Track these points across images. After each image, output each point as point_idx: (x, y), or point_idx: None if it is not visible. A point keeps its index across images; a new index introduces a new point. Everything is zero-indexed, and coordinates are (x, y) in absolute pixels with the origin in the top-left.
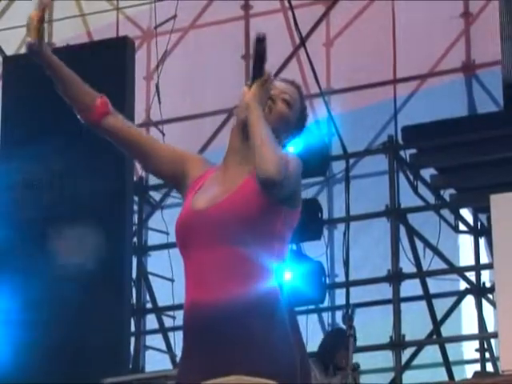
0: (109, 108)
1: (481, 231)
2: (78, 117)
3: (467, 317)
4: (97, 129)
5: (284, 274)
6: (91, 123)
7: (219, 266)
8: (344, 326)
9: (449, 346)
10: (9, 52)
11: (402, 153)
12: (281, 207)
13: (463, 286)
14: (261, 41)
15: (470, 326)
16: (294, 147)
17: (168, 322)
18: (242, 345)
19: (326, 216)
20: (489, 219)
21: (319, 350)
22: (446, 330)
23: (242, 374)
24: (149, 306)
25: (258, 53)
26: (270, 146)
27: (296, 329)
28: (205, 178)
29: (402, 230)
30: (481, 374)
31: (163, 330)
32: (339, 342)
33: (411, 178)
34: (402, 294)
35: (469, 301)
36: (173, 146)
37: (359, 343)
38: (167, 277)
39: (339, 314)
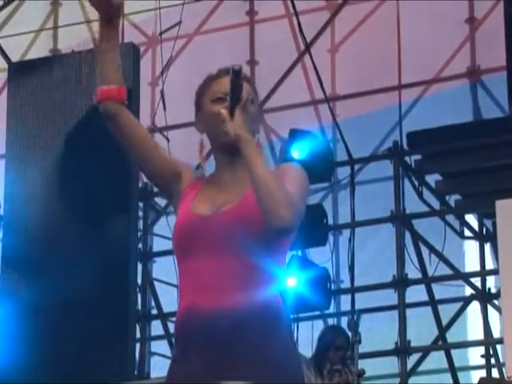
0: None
1: (486, 237)
2: (97, 98)
3: (473, 323)
4: (112, 117)
5: (286, 280)
6: (112, 106)
7: (223, 273)
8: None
9: (454, 352)
10: (14, 58)
11: (407, 158)
12: None
13: (469, 291)
14: (237, 73)
15: (475, 331)
16: (299, 153)
17: (173, 328)
18: (250, 353)
19: (331, 222)
20: (494, 225)
21: (315, 350)
22: (451, 336)
23: (250, 381)
24: (154, 312)
25: (234, 84)
26: (278, 190)
27: (292, 335)
28: (198, 186)
29: (408, 235)
30: (486, 380)
31: (168, 336)
32: (332, 339)
33: (416, 183)
34: (408, 300)
35: (474, 307)
36: (167, 153)
37: (365, 349)
38: (172, 283)
39: (345, 320)
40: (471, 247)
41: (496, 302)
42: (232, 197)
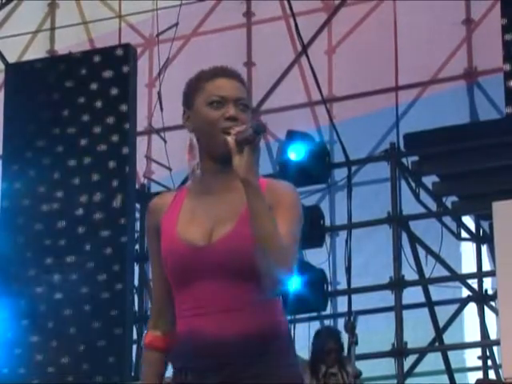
0: (163, 343)
1: (483, 238)
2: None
3: (469, 324)
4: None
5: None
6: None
7: (223, 298)
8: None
9: (451, 354)
10: (11, 60)
11: (403, 160)
12: None
13: (465, 293)
14: (259, 133)
15: (472, 333)
16: (295, 154)
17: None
18: (256, 377)
19: (327, 223)
20: (491, 226)
21: (310, 353)
22: (448, 338)
23: None
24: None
25: (250, 139)
26: (280, 247)
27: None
28: (179, 200)
29: (404, 237)
30: (483, 382)
31: None
32: (322, 343)
33: (413, 185)
34: (404, 302)
35: (471, 308)
36: (158, 265)
37: (361, 351)
38: None
39: (341, 322)
40: (468, 249)
41: (493, 303)
42: (225, 217)
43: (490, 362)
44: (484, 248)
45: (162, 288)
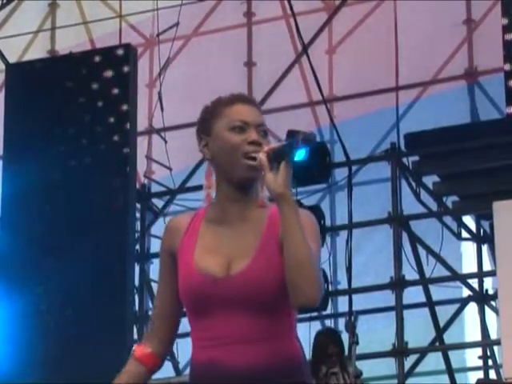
0: (151, 360)
1: (483, 238)
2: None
3: (470, 324)
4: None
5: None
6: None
7: (242, 330)
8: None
9: (452, 353)
10: (12, 59)
11: (404, 160)
12: None
13: (466, 293)
14: (308, 142)
15: (472, 333)
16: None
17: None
18: None
19: (328, 223)
20: (491, 226)
21: (312, 353)
22: (448, 337)
23: None
24: (151, 313)
25: (287, 152)
26: (312, 268)
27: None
28: (195, 226)
29: (405, 237)
30: (484, 382)
31: None
32: (323, 347)
33: (414, 185)
34: (405, 301)
35: (471, 308)
36: (168, 281)
37: (362, 351)
38: None
39: (342, 322)
40: (468, 248)
41: (493, 303)
42: (242, 246)
43: (490, 362)
44: (484, 248)
45: (166, 306)
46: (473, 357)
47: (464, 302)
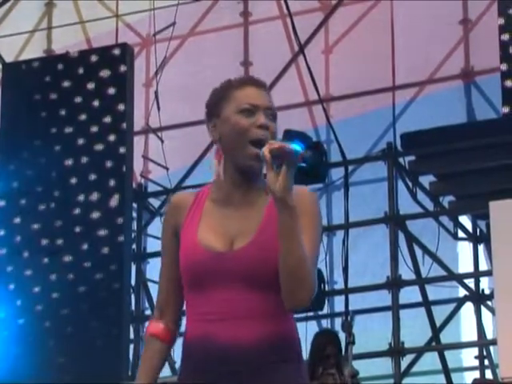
0: (165, 334)
1: (480, 238)
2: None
3: (466, 324)
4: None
5: None
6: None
7: (241, 306)
8: (338, 331)
9: (448, 353)
10: (8, 59)
11: (401, 160)
12: None
13: (462, 292)
14: (305, 160)
15: (469, 332)
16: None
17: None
18: None
19: (325, 223)
20: (488, 226)
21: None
22: (445, 337)
23: None
24: (148, 312)
25: (289, 157)
26: (307, 273)
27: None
28: (199, 205)
29: (401, 236)
30: (480, 381)
31: None
32: (321, 349)
33: (410, 184)
34: (401, 301)
35: (468, 308)
36: (170, 255)
37: (358, 350)
38: None
39: (338, 321)
40: (465, 248)
41: (489, 303)
42: (245, 227)
43: (486, 362)
44: (481, 248)
45: (170, 282)
46: (469, 357)
47: (460, 302)
